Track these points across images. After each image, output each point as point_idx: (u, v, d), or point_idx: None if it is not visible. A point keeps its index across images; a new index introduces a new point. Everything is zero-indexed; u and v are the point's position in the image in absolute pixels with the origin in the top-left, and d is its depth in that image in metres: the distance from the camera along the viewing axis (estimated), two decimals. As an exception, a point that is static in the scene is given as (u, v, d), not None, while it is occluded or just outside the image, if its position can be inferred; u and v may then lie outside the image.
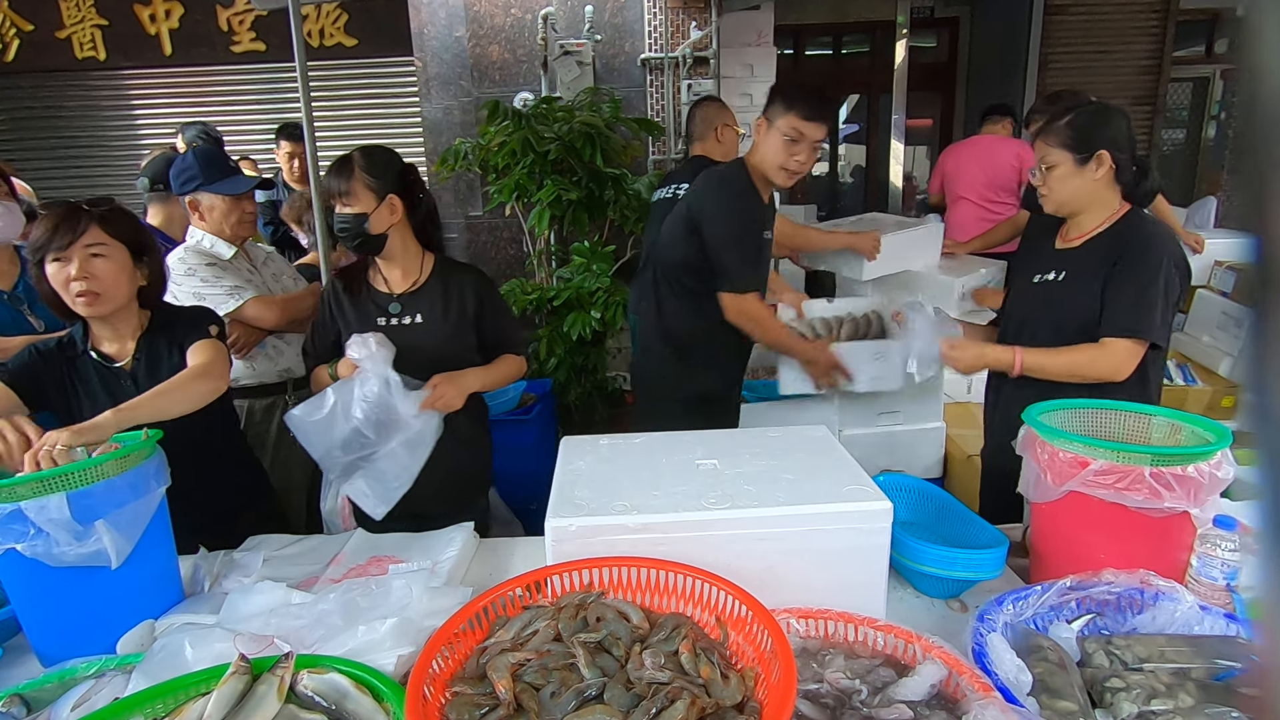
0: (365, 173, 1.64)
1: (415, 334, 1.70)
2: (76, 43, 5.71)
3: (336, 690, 0.94)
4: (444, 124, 5.04)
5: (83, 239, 1.44)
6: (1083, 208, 1.63)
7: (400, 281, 1.75)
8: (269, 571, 1.38)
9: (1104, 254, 1.58)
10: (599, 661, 0.91)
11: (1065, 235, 1.71)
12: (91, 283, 1.45)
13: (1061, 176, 1.60)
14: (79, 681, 1.06)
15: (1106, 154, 1.56)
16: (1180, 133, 6.85)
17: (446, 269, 1.80)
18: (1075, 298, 1.60)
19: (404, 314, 1.73)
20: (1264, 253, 0.20)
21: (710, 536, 1.09)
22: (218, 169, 2.08)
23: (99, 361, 1.53)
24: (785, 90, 2.03)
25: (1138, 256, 1.54)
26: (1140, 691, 0.91)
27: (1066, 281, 1.63)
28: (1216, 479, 1.10)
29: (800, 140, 1.97)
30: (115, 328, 1.55)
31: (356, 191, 1.63)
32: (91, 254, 1.45)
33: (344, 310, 1.74)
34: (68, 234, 1.43)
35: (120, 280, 1.49)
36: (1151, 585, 1.07)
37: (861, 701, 0.91)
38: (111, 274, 1.48)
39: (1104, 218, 1.62)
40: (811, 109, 1.96)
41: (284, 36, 2.29)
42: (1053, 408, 1.34)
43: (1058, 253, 1.69)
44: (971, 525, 1.35)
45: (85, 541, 1.10)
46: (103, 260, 1.46)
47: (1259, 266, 0.20)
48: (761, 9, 4.42)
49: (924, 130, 7.33)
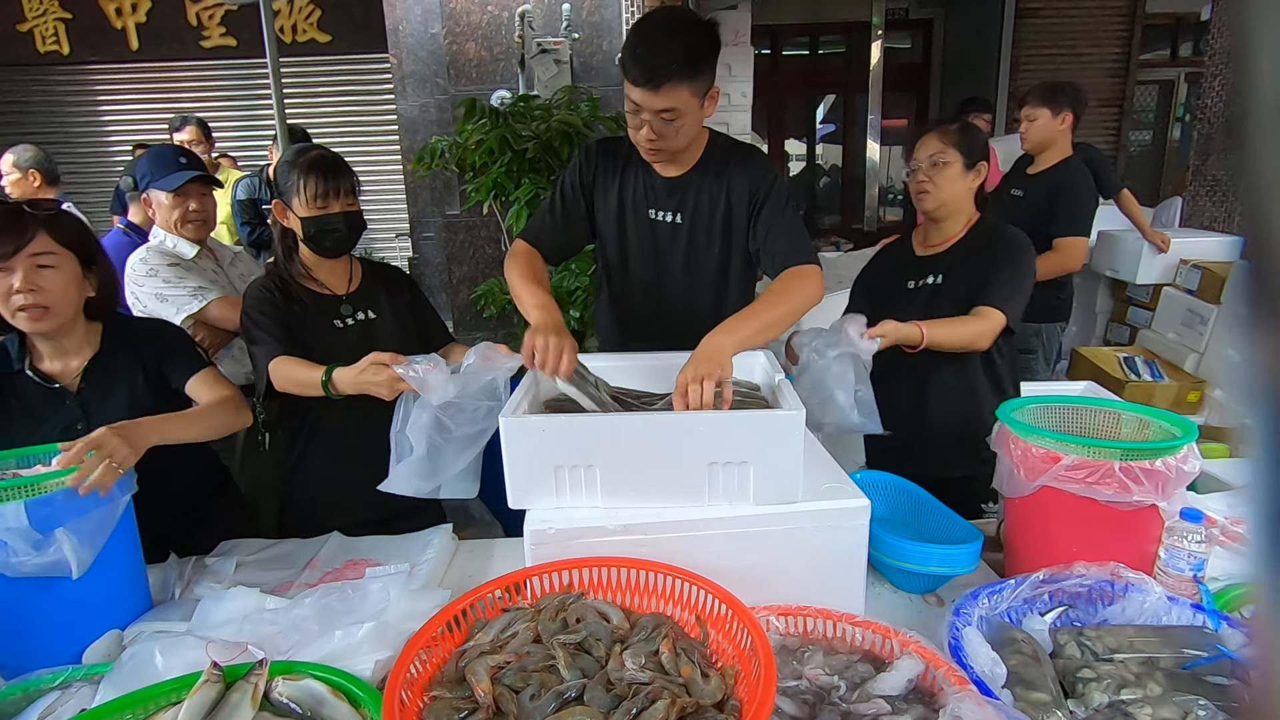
0: (350, 171, 1.62)
1: (375, 330, 1.67)
2: (39, 36, 5.56)
3: (312, 697, 0.93)
4: (420, 122, 4.99)
5: (29, 247, 1.29)
6: (953, 213, 1.73)
7: (340, 283, 1.69)
8: (242, 577, 1.35)
9: (979, 252, 1.69)
10: (579, 663, 0.90)
11: (925, 241, 1.80)
12: (38, 295, 1.29)
13: (951, 177, 1.70)
14: (44, 693, 1.03)
15: (985, 165, 1.69)
16: (1147, 134, 7.02)
17: (372, 267, 1.78)
18: (958, 296, 1.67)
19: (355, 312, 1.68)
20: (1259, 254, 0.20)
21: (690, 536, 1.09)
22: (162, 166, 2.07)
23: (36, 380, 1.38)
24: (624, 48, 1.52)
25: (1015, 253, 1.68)
26: (1111, 681, 0.93)
27: (947, 283, 1.71)
28: (1183, 473, 1.13)
29: (637, 111, 1.50)
30: (59, 344, 1.39)
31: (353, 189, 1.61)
32: (38, 264, 1.30)
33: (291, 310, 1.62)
34: (11, 241, 1.28)
35: (69, 293, 1.35)
36: (1121, 577, 1.10)
37: (840, 697, 0.92)
38: (60, 286, 1.33)
39: (964, 223, 1.74)
40: (633, 69, 1.45)
41: (255, 31, 2.25)
42: (1025, 404, 1.36)
43: (924, 259, 1.77)
44: (947, 521, 1.37)
45: (44, 551, 1.06)
46: (51, 271, 1.31)
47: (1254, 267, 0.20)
48: (739, 9, 4.44)
49: (899, 130, 7.42)
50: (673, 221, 1.67)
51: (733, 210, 1.65)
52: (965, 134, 1.71)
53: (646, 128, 1.50)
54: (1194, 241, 3.54)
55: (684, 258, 1.68)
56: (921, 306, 1.72)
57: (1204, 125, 4.14)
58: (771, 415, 1.15)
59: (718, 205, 1.65)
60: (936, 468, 1.62)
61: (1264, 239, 0.20)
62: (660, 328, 1.69)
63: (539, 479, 1.11)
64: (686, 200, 1.65)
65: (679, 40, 1.43)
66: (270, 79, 2.19)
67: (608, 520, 1.09)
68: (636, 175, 1.67)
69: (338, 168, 1.59)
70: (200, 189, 2.10)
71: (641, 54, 1.44)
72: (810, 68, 7.58)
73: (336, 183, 1.57)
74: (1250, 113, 0.20)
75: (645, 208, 1.67)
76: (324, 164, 1.58)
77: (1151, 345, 3.48)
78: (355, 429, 1.57)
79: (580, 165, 1.70)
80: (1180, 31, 6.79)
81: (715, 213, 1.65)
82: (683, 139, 1.53)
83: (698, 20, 1.50)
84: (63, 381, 1.40)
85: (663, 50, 1.43)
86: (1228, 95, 3.96)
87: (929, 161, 1.70)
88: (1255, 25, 0.19)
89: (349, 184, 1.60)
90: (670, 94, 1.43)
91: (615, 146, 1.70)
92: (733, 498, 1.11)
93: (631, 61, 1.44)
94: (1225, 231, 3.85)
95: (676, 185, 1.65)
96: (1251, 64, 0.19)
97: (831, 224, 7.65)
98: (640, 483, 1.11)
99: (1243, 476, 0.21)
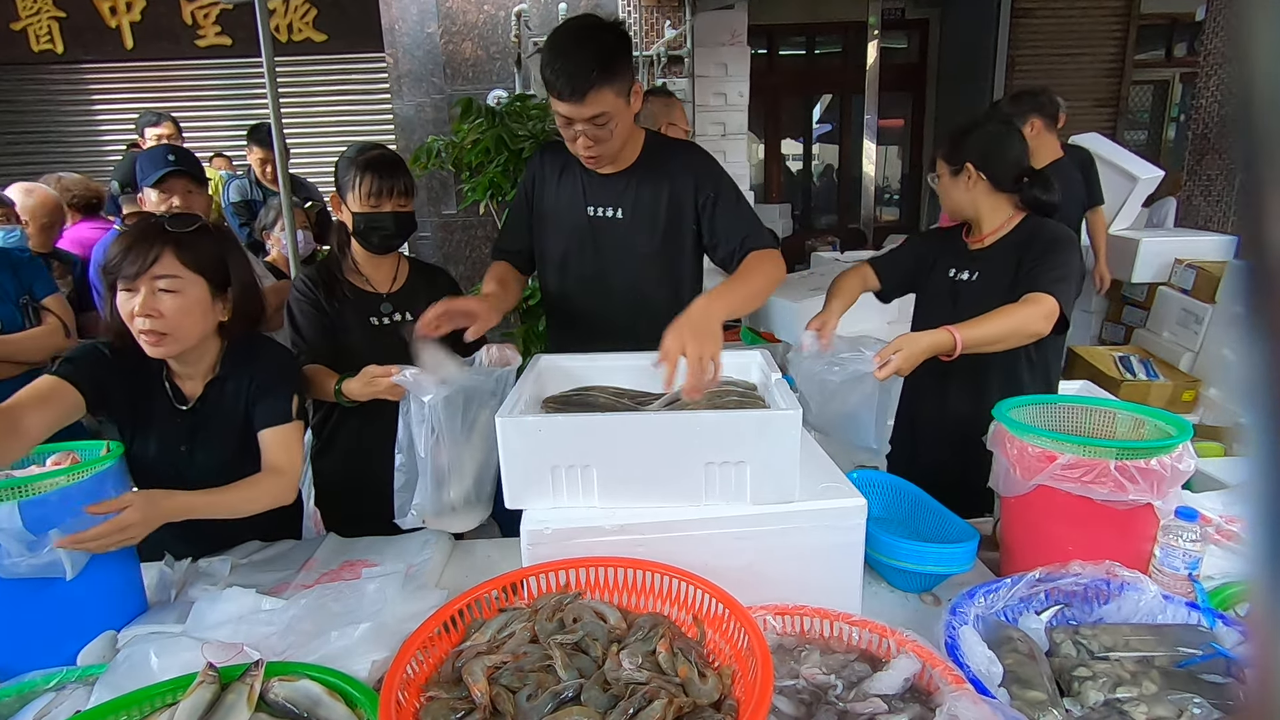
0: (406, 173, 1.63)
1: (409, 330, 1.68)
2: (33, 35, 5.54)
3: (308, 697, 0.92)
4: (416, 121, 4.98)
5: (153, 269, 1.24)
6: (969, 215, 1.71)
7: (384, 281, 1.71)
8: (238, 579, 1.35)
9: (1012, 253, 1.64)
10: (576, 663, 0.90)
11: (971, 236, 1.77)
12: (157, 322, 1.25)
13: (944, 186, 1.71)
14: (38, 694, 1.03)
15: (971, 166, 1.64)
16: (1142, 134, 7.04)
17: (420, 268, 1.79)
18: (988, 296, 1.63)
19: (394, 313, 1.70)
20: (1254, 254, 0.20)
21: (687, 536, 1.09)
22: (153, 165, 2.11)
23: (169, 396, 1.37)
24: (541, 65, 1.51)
25: (1056, 246, 1.58)
26: (1106, 680, 0.93)
27: (980, 281, 1.69)
28: (1178, 471, 1.13)
29: (569, 124, 1.52)
30: (188, 365, 1.36)
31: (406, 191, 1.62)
32: (160, 287, 1.25)
33: (330, 307, 1.66)
34: (136, 260, 1.24)
35: (192, 319, 1.29)
36: (1117, 576, 1.10)
37: (837, 696, 0.92)
38: (181, 312, 1.27)
39: (999, 223, 1.68)
40: (560, 84, 1.47)
41: (250, 30, 2.24)
42: (1021, 403, 1.37)
43: (971, 252, 1.74)
44: (944, 520, 1.37)
45: (38, 552, 1.06)
46: (172, 297, 1.26)
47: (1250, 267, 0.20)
48: (735, 8, 4.44)
49: (895, 130, 7.43)
50: (612, 217, 1.69)
51: (675, 203, 1.68)
52: (951, 140, 1.69)
53: (581, 137, 1.53)
54: (1189, 241, 3.55)
55: (624, 253, 1.70)
56: (951, 298, 1.70)
57: (1199, 125, 4.15)
58: (768, 415, 1.15)
59: (659, 198, 1.67)
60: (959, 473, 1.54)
61: (1260, 239, 0.20)
62: (604, 325, 1.71)
63: (535, 479, 1.11)
64: (626, 195, 1.68)
65: (590, 46, 1.46)
66: (266, 78, 2.18)
67: (604, 520, 1.09)
68: (575, 175, 1.70)
69: (394, 167, 1.61)
70: (186, 185, 2.12)
71: (560, 67, 1.46)
72: (806, 68, 7.58)
73: (391, 182, 1.59)
74: (1246, 112, 0.20)
75: (584, 205, 1.70)
76: (381, 163, 1.60)
77: (1147, 344, 3.50)
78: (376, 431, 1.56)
79: (527, 171, 1.76)
80: (1175, 32, 6.82)
81: (657, 205, 1.68)
82: (618, 140, 1.57)
83: (604, 22, 1.53)
84: (188, 403, 1.38)
85: (578, 59, 1.45)
86: (1223, 95, 3.98)
87: (933, 178, 1.73)
88: (1252, 25, 0.19)
89: (403, 185, 1.61)
90: (596, 100, 1.46)
91: (558, 148, 1.71)
92: (729, 497, 1.11)
93: (552, 76, 1.47)
94: (1220, 231, 3.87)
95: (616, 181, 1.68)
96: (1248, 63, 0.19)
97: (828, 224, 7.66)
98: (637, 483, 1.11)
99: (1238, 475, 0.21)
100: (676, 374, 1.17)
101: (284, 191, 2.28)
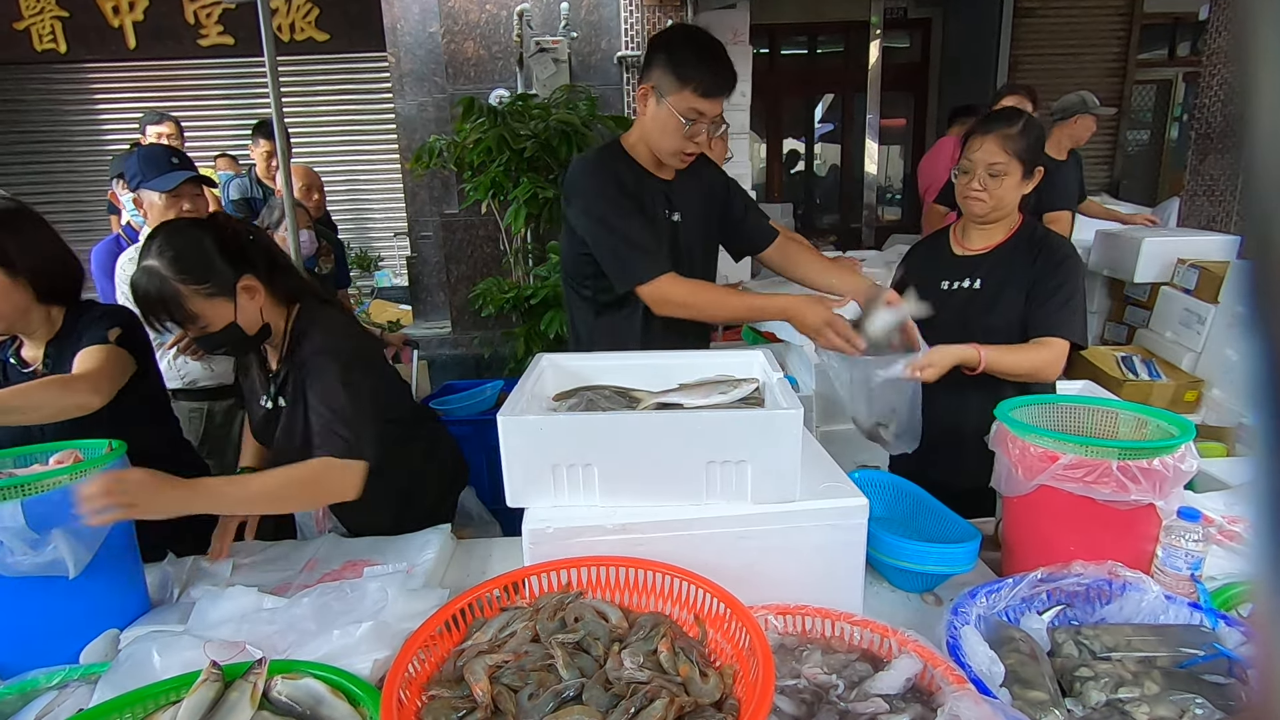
0: (188, 285, 1.29)
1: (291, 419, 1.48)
2: (35, 34, 5.55)
3: (311, 696, 0.92)
4: (418, 121, 4.98)
5: None
6: (1001, 216, 1.68)
7: (272, 355, 1.50)
8: (240, 578, 1.35)
9: (1022, 261, 1.64)
10: (577, 662, 0.90)
11: (964, 242, 1.74)
12: None
13: (1011, 186, 1.61)
14: (40, 693, 1.03)
15: (1042, 170, 1.64)
16: (1144, 134, 7.03)
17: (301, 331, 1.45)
18: (1000, 305, 1.64)
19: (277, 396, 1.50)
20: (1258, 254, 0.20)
21: (688, 535, 1.09)
22: (154, 166, 2.08)
23: (14, 365, 1.52)
24: (675, 52, 1.54)
25: (1058, 263, 1.61)
26: (1108, 680, 0.93)
27: (987, 289, 1.67)
28: (1181, 472, 1.13)
29: (699, 120, 1.56)
30: (27, 334, 1.52)
31: (198, 312, 1.31)
32: None
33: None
34: None
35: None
36: (1119, 576, 1.10)
37: (838, 696, 0.92)
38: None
39: (1012, 227, 1.70)
40: (711, 82, 1.53)
41: (253, 30, 2.24)
42: (1023, 403, 1.36)
43: (963, 260, 1.72)
44: (945, 520, 1.37)
45: (41, 550, 1.06)
46: None
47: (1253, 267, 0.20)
48: (737, 7, 4.43)
49: (897, 130, 7.42)
50: (678, 220, 1.74)
51: (710, 205, 1.79)
52: (1027, 137, 1.58)
53: (703, 134, 1.60)
54: (1192, 240, 3.54)
55: (685, 253, 1.74)
56: (957, 311, 1.67)
57: (1201, 125, 4.14)
58: (769, 414, 1.15)
59: (702, 201, 1.78)
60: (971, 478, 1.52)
61: (1263, 238, 0.20)
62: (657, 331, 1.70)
63: (537, 478, 1.11)
64: (680, 199, 1.74)
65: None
66: (268, 78, 2.17)
67: (606, 519, 1.09)
68: (640, 180, 1.68)
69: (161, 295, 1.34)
70: (193, 189, 2.11)
71: (718, 69, 1.55)
72: (808, 67, 7.57)
73: (165, 319, 1.36)
74: (1249, 112, 0.20)
75: (664, 209, 1.71)
76: (140, 297, 1.35)
77: (1149, 344, 3.49)
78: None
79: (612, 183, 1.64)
80: (1178, 31, 6.80)
81: (704, 208, 1.78)
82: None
83: None
84: (32, 365, 1.52)
85: (728, 63, 1.57)
86: (1226, 95, 3.97)
87: (987, 171, 1.59)
88: (1255, 24, 0.19)
89: (182, 311, 1.34)
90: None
91: (601, 159, 1.70)
92: (731, 497, 1.11)
93: (711, 76, 1.54)
94: (1223, 231, 3.86)
95: (673, 186, 1.73)
96: (1251, 63, 0.19)
97: (830, 223, 7.65)
98: (638, 481, 1.11)
99: (1241, 475, 0.21)
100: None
101: (286, 191, 2.28)
